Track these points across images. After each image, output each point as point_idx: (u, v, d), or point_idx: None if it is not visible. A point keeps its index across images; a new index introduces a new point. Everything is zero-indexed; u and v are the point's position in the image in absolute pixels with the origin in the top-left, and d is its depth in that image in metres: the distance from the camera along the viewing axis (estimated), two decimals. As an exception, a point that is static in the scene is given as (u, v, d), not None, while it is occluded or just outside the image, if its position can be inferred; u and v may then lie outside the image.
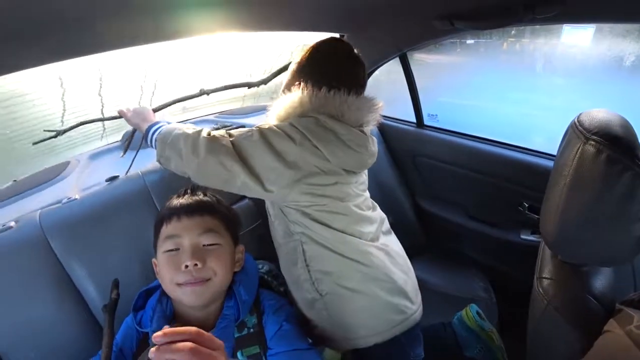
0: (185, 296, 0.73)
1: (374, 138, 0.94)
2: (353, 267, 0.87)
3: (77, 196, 1.02)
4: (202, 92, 1.31)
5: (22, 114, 1.44)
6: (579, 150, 0.59)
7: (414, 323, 0.91)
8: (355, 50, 0.93)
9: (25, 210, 1.02)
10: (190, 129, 0.86)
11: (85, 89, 1.55)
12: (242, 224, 0.93)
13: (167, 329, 0.47)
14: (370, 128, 0.93)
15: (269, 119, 0.89)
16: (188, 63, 1.89)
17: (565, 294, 0.66)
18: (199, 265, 0.73)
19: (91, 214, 0.96)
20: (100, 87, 1.56)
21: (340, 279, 0.87)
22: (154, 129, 0.92)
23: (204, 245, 0.77)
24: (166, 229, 0.78)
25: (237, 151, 0.80)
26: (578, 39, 2.02)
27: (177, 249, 0.75)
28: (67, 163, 1.39)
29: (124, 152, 1.04)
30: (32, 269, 0.86)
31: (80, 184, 1.20)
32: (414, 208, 1.65)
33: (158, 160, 0.88)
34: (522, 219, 1.27)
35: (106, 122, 1.61)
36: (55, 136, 0.79)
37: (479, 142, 1.40)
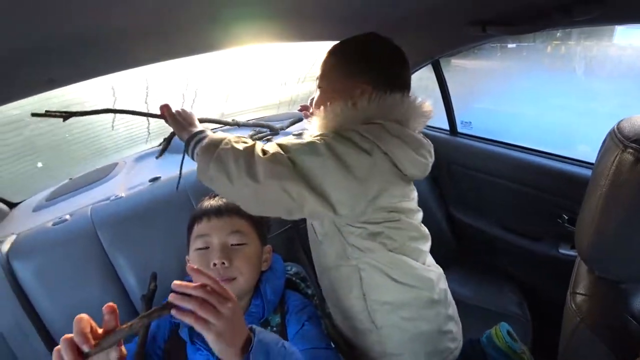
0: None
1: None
2: (414, 295, 0.79)
3: (123, 194, 1.11)
4: (235, 123, 1.38)
5: (80, 119, 1.59)
6: (617, 159, 0.56)
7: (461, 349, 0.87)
8: None
9: (78, 205, 1.12)
10: (239, 142, 0.69)
11: (133, 97, 1.69)
12: (271, 226, 0.96)
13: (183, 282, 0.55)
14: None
15: (320, 128, 0.76)
16: (226, 72, 1.98)
17: (600, 311, 0.62)
18: (226, 264, 0.77)
19: (135, 211, 1.03)
20: (147, 95, 1.69)
21: (401, 309, 0.79)
22: (196, 138, 0.75)
23: (231, 245, 0.80)
24: (197, 229, 0.82)
25: (299, 171, 0.63)
26: (634, 40, 1.88)
27: (206, 248, 0.80)
28: (115, 164, 1.50)
29: (159, 155, 1.00)
30: (83, 258, 0.95)
31: (126, 184, 1.29)
32: (447, 218, 1.61)
33: (198, 178, 0.69)
34: (561, 232, 1.19)
35: (150, 127, 1.74)
36: (61, 116, 0.81)
37: (515, 150, 1.34)
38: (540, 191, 1.25)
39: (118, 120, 1.68)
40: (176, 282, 0.55)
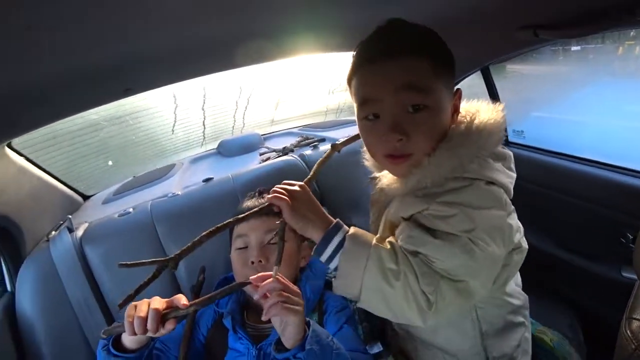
0: (253, 291, 0.80)
1: None
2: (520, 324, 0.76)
3: (179, 192, 1.20)
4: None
5: (145, 124, 1.78)
6: None
7: None
8: None
9: (140, 200, 1.24)
10: (387, 251, 0.57)
11: (192, 104, 1.84)
12: None
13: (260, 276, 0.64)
14: None
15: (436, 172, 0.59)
16: (276, 80, 2.09)
17: None
18: (263, 262, 0.81)
19: (189, 207, 1.12)
20: (204, 102, 1.84)
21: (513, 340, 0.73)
22: (336, 241, 0.60)
23: (269, 243, 0.83)
24: (237, 229, 0.87)
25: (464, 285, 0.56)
26: None
27: (245, 247, 0.84)
28: (173, 165, 1.62)
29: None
30: (142, 246, 1.05)
31: (182, 183, 1.40)
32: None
33: (336, 291, 0.61)
34: (624, 252, 1.08)
35: (206, 132, 1.88)
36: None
37: (574, 162, 1.24)
38: (602, 207, 1.14)
39: (178, 124, 1.84)
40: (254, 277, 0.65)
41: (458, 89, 0.63)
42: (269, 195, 0.65)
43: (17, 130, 0.79)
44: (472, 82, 1.39)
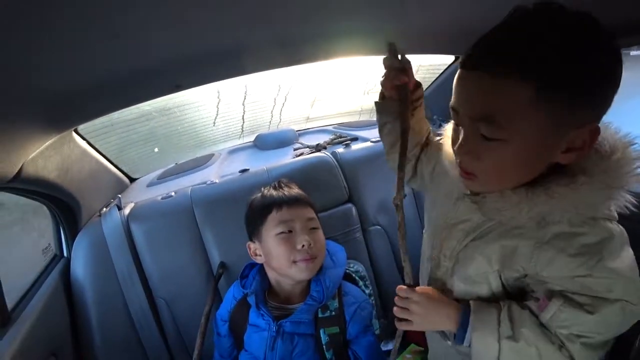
0: (300, 272, 0.88)
1: None
2: None
3: (217, 180, 1.28)
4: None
5: (189, 116, 1.89)
6: None
7: None
8: None
9: (181, 185, 1.34)
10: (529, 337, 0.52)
11: (233, 100, 1.94)
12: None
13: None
14: None
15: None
16: (313, 79, 2.13)
17: None
18: (312, 245, 0.87)
19: (225, 195, 1.19)
20: (245, 98, 1.92)
21: None
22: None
23: (310, 229, 0.91)
24: (277, 215, 0.91)
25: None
26: None
27: (290, 231, 0.90)
28: (212, 155, 1.71)
29: None
30: (180, 228, 1.14)
31: (220, 172, 1.49)
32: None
33: None
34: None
35: (244, 126, 1.98)
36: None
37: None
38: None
39: (219, 117, 1.94)
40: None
41: (594, 126, 0.47)
42: (396, 315, 0.65)
43: (84, 118, 0.89)
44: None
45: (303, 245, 0.87)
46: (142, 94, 0.91)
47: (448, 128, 0.61)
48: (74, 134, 1.03)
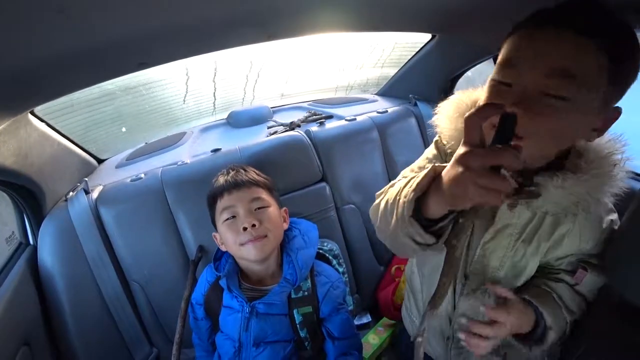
0: (248, 252, 0.89)
1: None
2: None
3: (188, 161, 1.26)
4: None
5: (157, 94, 1.82)
6: None
7: None
8: None
9: (152, 166, 1.30)
10: None
11: (203, 77, 1.86)
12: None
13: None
14: None
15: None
16: (287, 55, 2.07)
17: (615, 338, 0.61)
18: (257, 225, 0.88)
19: (197, 176, 1.17)
20: (215, 75, 1.85)
21: None
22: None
23: (255, 210, 0.92)
24: (221, 203, 0.93)
25: None
26: None
27: (233, 217, 0.91)
28: (184, 133, 1.66)
29: None
30: (151, 210, 1.12)
31: (192, 151, 1.45)
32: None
33: None
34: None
35: (216, 102, 1.92)
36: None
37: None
38: None
39: (189, 95, 1.87)
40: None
41: (618, 108, 0.53)
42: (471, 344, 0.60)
43: (40, 99, 0.84)
44: (482, 69, 1.38)
45: (245, 228, 0.88)
46: (102, 73, 0.86)
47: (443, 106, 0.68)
48: (30, 116, 0.97)
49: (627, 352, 0.59)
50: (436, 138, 0.73)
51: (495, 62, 1.29)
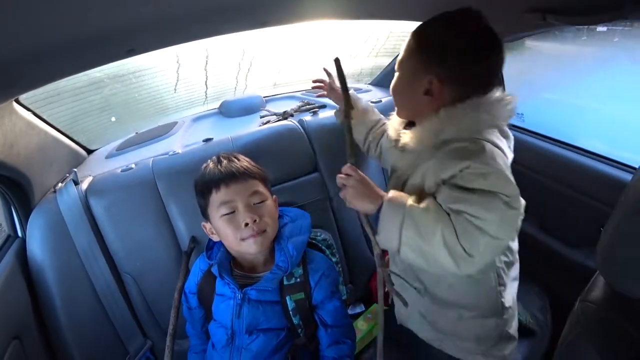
0: (249, 247, 0.88)
1: None
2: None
3: (179, 150, 1.24)
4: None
5: (147, 82, 1.78)
6: None
7: None
8: None
9: (142, 156, 1.28)
10: (421, 210, 0.67)
11: (194, 65, 1.83)
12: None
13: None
14: None
15: (429, 133, 0.72)
16: (280, 44, 2.04)
17: (606, 324, 0.61)
18: (258, 220, 0.87)
19: (188, 166, 1.15)
20: (206, 63, 1.82)
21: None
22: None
23: (255, 204, 0.90)
24: (217, 196, 0.89)
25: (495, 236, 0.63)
26: None
27: (233, 212, 0.88)
28: (175, 123, 1.63)
29: None
30: (143, 201, 1.11)
31: (183, 141, 1.43)
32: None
33: (384, 247, 0.75)
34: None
35: (208, 92, 1.89)
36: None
37: (568, 150, 1.26)
38: (587, 197, 1.17)
39: (180, 83, 1.83)
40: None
41: (440, 78, 0.72)
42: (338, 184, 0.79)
43: (24, 87, 0.81)
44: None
45: (247, 224, 0.86)
46: (90, 60, 0.83)
47: None
48: (15, 104, 0.94)
49: (616, 337, 0.60)
50: None
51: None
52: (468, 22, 0.72)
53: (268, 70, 2.12)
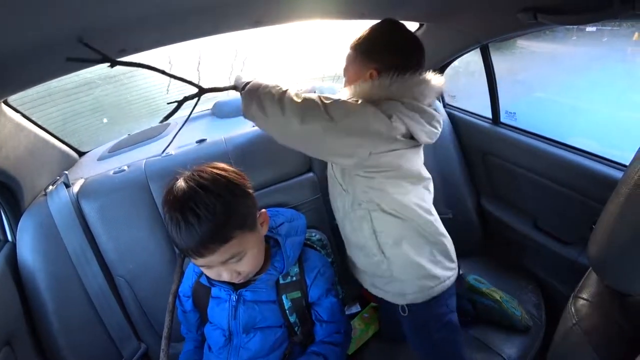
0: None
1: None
2: (414, 232, 0.94)
3: (172, 152, 1.23)
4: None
5: (139, 83, 1.76)
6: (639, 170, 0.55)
7: (451, 284, 0.99)
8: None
9: (135, 158, 1.27)
10: (277, 87, 0.86)
11: (187, 65, 1.82)
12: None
13: None
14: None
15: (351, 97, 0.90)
16: (273, 44, 2.04)
17: (600, 319, 0.61)
18: (237, 275, 0.81)
19: (182, 167, 1.12)
20: (199, 63, 1.81)
21: (402, 243, 0.93)
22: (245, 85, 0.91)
23: (233, 262, 0.79)
24: (193, 261, 0.80)
25: (332, 117, 0.80)
26: None
27: (210, 266, 0.79)
28: (168, 124, 1.62)
29: (164, 120, 0.98)
30: (135, 203, 1.10)
31: (176, 142, 1.42)
32: (477, 208, 1.57)
33: (243, 115, 0.90)
34: (593, 240, 1.14)
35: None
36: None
37: (560, 148, 1.26)
38: (579, 194, 1.18)
39: (172, 85, 1.82)
40: None
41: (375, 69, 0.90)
42: None
43: (13, 88, 0.80)
44: (470, 59, 1.38)
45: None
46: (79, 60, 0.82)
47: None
48: (3, 106, 0.92)
49: (610, 331, 0.61)
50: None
51: (481, 52, 1.30)
52: (391, 31, 0.93)
53: (261, 71, 2.12)
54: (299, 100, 0.82)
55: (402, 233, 0.93)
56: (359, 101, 0.85)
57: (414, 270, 0.94)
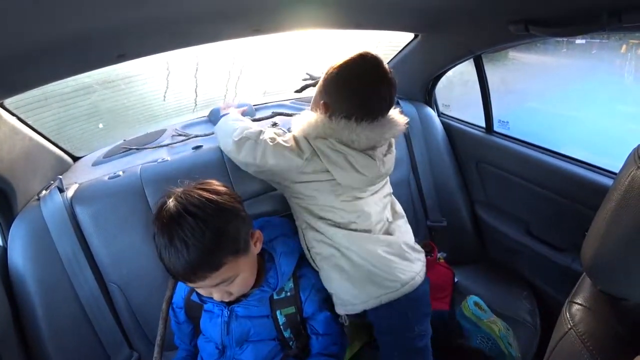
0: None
1: (392, 153, 1.04)
2: (340, 252, 0.95)
3: (168, 158, 1.23)
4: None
5: (137, 88, 1.76)
6: (630, 176, 0.56)
7: (401, 295, 0.94)
8: (385, 67, 0.94)
9: (130, 163, 1.26)
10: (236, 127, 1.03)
11: (184, 72, 1.82)
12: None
13: None
14: (385, 145, 1.01)
15: (294, 129, 0.99)
16: (270, 53, 2.06)
17: (595, 323, 0.62)
18: (227, 297, 0.81)
19: (177, 174, 1.12)
20: (196, 70, 1.82)
21: (329, 260, 0.96)
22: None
23: (225, 285, 0.78)
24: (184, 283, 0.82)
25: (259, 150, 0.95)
26: None
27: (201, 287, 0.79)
28: (164, 130, 1.61)
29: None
30: (130, 209, 1.09)
31: (172, 149, 1.42)
32: (471, 215, 1.58)
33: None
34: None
35: (198, 99, 1.88)
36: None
37: (552, 156, 1.28)
38: (571, 201, 1.20)
39: (169, 91, 1.82)
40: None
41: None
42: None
43: (10, 91, 0.80)
44: (463, 69, 1.41)
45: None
46: (79, 64, 0.83)
47: None
48: (-1, 109, 0.92)
49: (605, 336, 0.61)
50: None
51: (475, 62, 1.32)
52: (353, 76, 0.92)
53: (258, 78, 2.13)
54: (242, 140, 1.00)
55: (328, 251, 0.96)
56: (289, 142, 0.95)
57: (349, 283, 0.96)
